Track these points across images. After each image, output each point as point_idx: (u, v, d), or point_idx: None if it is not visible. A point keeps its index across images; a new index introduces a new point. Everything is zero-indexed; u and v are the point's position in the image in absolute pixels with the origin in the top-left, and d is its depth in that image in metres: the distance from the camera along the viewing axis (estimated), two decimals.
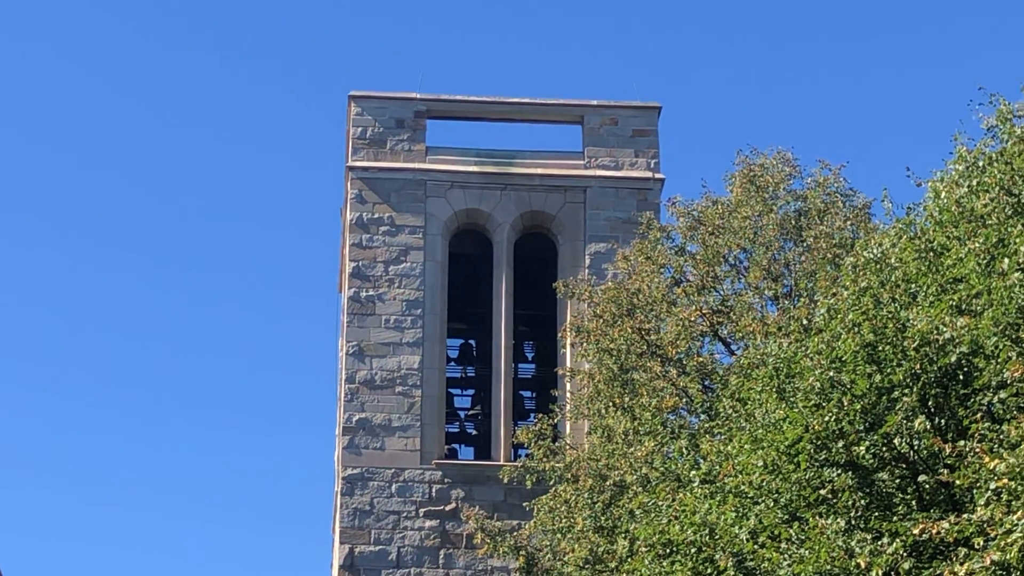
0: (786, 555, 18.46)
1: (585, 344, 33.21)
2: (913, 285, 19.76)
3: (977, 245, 19.11)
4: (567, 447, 33.28)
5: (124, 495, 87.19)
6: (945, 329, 18.36)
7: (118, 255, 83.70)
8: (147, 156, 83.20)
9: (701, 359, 31.05)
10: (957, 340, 18.23)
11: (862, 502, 18.41)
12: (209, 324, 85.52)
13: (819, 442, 18.80)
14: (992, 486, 15.19)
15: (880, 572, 17.11)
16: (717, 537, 19.76)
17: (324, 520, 40.28)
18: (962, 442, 17.15)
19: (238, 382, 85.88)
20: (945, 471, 17.44)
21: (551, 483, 31.85)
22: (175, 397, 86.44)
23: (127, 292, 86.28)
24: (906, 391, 18.33)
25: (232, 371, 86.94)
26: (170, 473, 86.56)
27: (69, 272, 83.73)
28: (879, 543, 17.33)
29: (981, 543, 15.32)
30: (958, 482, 16.84)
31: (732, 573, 19.38)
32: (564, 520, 30.36)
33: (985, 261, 18.79)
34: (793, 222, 32.06)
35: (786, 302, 30.12)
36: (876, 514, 18.23)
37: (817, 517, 18.47)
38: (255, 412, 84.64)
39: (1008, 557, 14.65)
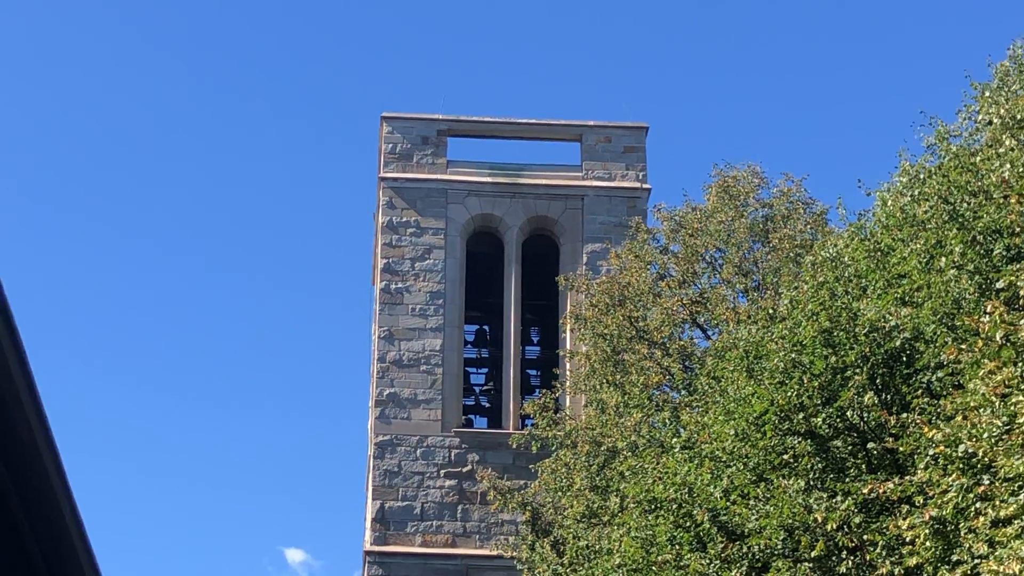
0: (754, 511, 18.24)
1: (582, 330, 32.87)
2: (863, 280, 19.50)
3: (918, 246, 18.92)
4: (567, 418, 32.84)
5: (191, 468, 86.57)
6: (891, 318, 18.12)
7: (192, 256, 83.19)
8: (216, 170, 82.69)
9: (682, 343, 30.69)
10: (901, 327, 18.01)
11: (819, 466, 18.16)
12: (264, 316, 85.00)
13: (782, 414, 18.54)
14: (931, 452, 14.87)
15: (834, 525, 16.91)
16: (695, 495, 19.42)
17: (359, 480, 39.82)
18: (905, 415, 16.96)
19: (290, 364, 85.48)
20: (890, 439, 17.18)
21: (553, 448, 31.43)
22: (236, 379, 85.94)
23: (202, 287, 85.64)
24: (857, 371, 18.09)
25: (283, 354, 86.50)
26: (229, 446, 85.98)
27: (148, 277, 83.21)
28: (834, 501, 17.07)
29: (921, 501, 15.03)
30: (901, 449, 16.60)
31: (707, 526, 19.05)
32: (564, 480, 29.96)
33: (925, 260, 18.61)
34: (761, 226, 31.69)
35: (754, 294, 29.72)
36: (831, 476, 17.95)
37: (780, 478, 18.23)
38: (302, 389, 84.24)
39: (944, 513, 14.35)
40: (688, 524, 19.42)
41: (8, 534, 12.10)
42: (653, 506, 20.27)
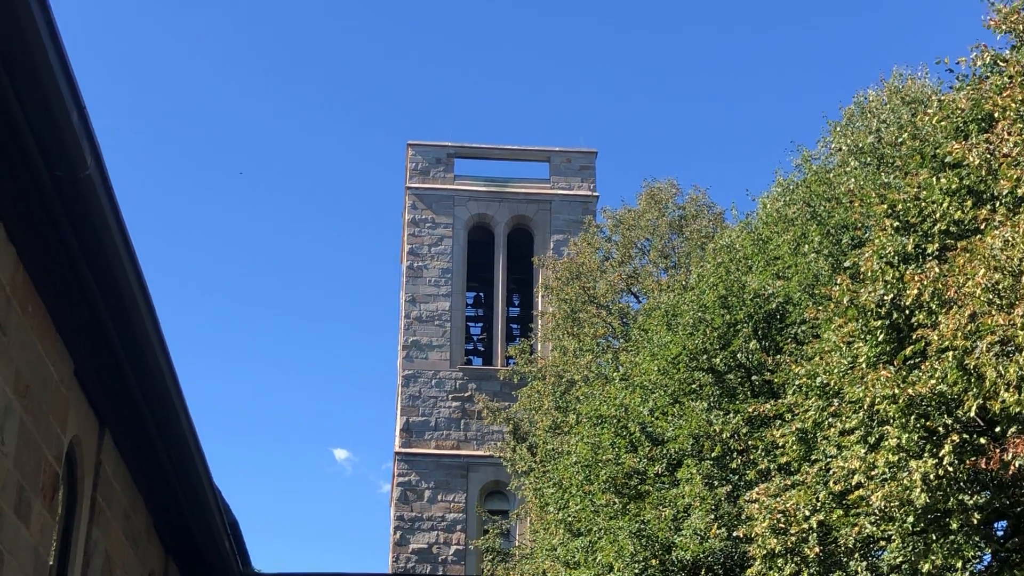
0: (671, 424, 18.25)
1: (550, 296, 32.87)
2: (749, 261, 19.48)
3: (788, 237, 18.94)
4: (539, 358, 32.85)
5: (271, 383, 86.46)
6: (768, 288, 18.13)
7: (294, 239, 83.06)
8: (301, 180, 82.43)
9: (620, 306, 30.69)
10: (775, 294, 18.03)
11: (717, 392, 18.15)
12: (325, 293, 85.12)
13: (691, 356, 18.54)
14: (796, 383, 14.80)
15: (728, 434, 16.89)
16: (629, 413, 19.42)
17: (391, 400, 39.93)
18: (778, 356, 16.97)
19: (345, 316, 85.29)
20: (768, 373, 17.17)
21: (529, 380, 31.44)
22: (311, 328, 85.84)
23: (297, 271, 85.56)
24: (744, 325, 18.11)
25: (342, 310, 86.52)
26: (303, 376, 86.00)
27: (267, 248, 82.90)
28: (727, 417, 17.09)
29: (789, 417, 14.96)
30: (775, 380, 16.58)
31: (638, 435, 19.08)
32: (536, 402, 29.97)
33: (793, 247, 18.61)
34: (677, 223, 31.68)
35: (672, 271, 29.75)
36: (726, 400, 17.94)
37: (690, 401, 18.23)
38: (353, 335, 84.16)
39: (805, 425, 14.30)
40: (624, 433, 19.40)
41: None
42: (599, 421, 20.24)
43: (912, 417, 12.25)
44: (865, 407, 12.80)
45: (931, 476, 11.95)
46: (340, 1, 79.17)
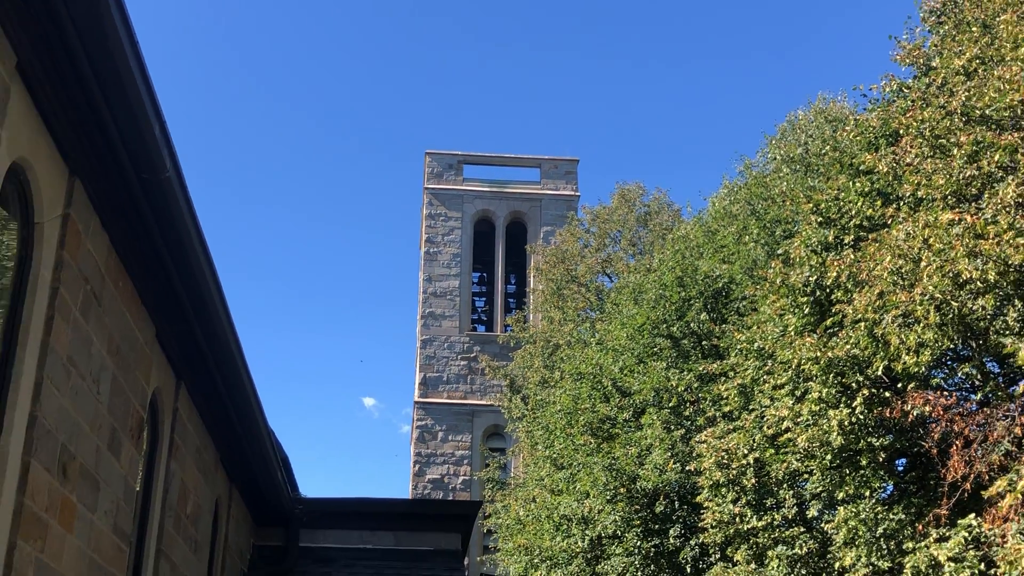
0: (636, 380, 18.27)
1: (539, 276, 32.90)
2: (701, 249, 19.51)
3: (732, 229, 18.97)
4: (531, 326, 32.92)
5: (314, 334, 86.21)
6: (716, 270, 18.12)
7: (329, 233, 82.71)
8: (338, 184, 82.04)
9: (597, 284, 30.76)
10: (721, 276, 17.99)
11: (674, 354, 18.17)
12: (359, 273, 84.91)
13: (653, 325, 18.55)
14: (738, 347, 14.84)
15: (683, 388, 16.90)
16: (603, 370, 19.50)
17: (411, 359, 39.92)
18: (724, 325, 16.96)
19: (376, 291, 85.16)
20: (715, 339, 17.17)
21: (523, 344, 31.50)
22: (349, 303, 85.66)
23: (339, 263, 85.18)
24: (697, 301, 18.10)
25: (373, 286, 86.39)
26: (343, 335, 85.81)
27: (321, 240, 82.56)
28: (682, 374, 17.09)
29: (732, 375, 15.00)
30: (721, 345, 16.62)
31: (610, 388, 19.14)
32: (528, 362, 30.06)
33: (736, 237, 18.55)
34: (643, 218, 31.74)
35: (639, 257, 29.75)
36: (681, 360, 17.95)
37: (652, 361, 18.21)
38: (383, 306, 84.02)
39: (745, 381, 14.33)
40: (599, 387, 19.47)
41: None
42: (579, 377, 20.33)
43: (831, 375, 12.32)
44: (793, 367, 12.87)
45: (845, 423, 12.03)
46: (371, 40, 79.00)
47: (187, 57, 75.16)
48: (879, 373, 11.96)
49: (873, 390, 12.18)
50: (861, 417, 12.00)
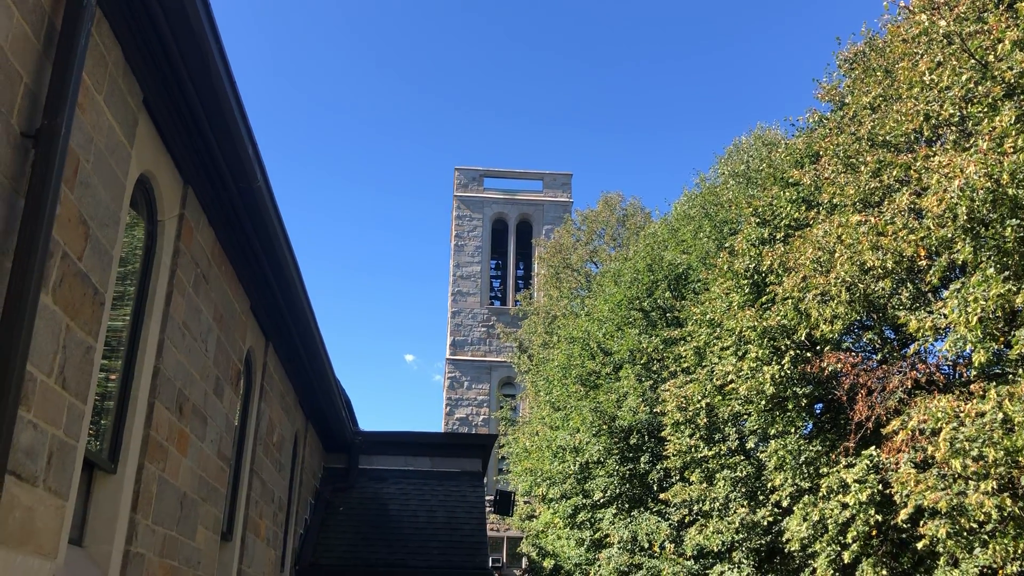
0: (616, 343, 18.19)
1: (542, 263, 32.77)
2: (666, 243, 19.36)
3: (690, 228, 18.77)
4: (535, 301, 32.83)
5: (368, 301, 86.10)
6: (678, 259, 17.96)
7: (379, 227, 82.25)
8: (388, 194, 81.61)
9: (586, 270, 30.61)
10: (682, 264, 17.85)
11: (644, 323, 18.07)
12: (404, 261, 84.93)
13: (629, 301, 18.46)
14: (694, 318, 14.79)
15: (651, 349, 16.80)
16: (590, 335, 19.43)
17: (443, 326, 39.87)
18: (683, 301, 16.85)
19: (418, 274, 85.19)
20: (677, 312, 17.05)
21: (529, 315, 31.42)
22: (399, 282, 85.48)
23: (385, 260, 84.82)
24: (663, 282, 17.97)
25: (414, 271, 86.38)
26: (395, 301, 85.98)
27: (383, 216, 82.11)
28: (651, 339, 17.01)
29: (689, 339, 15.00)
30: (681, 316, 16.49)
31: (596, 349, 19.05)
32: (534, 328, 29.98)
33: (693, 234, 18.44)
34: (622, 219, 31.54)
35: (619, 249, 29.60)
36: (650, 327, 17.88)
37: (628, 328, 18.10)
38: (423, 285, 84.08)
39: (699, 344, 14.24)
40: (587, 348, 19.46)
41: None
42: (571, 340, 20.33)
43: (765, 340, 12.33)
44: (736, 333, 12.89)
45: (776, 376, 12.03)
46: (415, 80, 78.59)
47: (279, 93, 74.94)
48: (802, 338, 11.94)
49: (797, 351, 12.16)
50: (788, 372, 12.00)
